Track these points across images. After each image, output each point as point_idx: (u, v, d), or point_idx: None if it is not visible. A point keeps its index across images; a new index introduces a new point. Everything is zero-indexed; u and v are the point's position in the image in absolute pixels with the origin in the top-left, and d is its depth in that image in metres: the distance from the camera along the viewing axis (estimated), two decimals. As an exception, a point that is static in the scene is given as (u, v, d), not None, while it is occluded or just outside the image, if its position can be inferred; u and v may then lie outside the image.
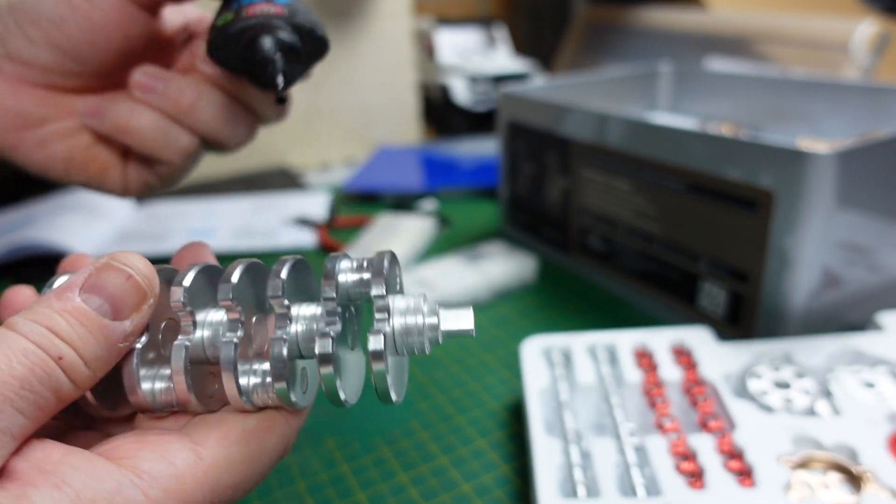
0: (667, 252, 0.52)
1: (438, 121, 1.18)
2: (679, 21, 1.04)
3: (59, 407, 0.20)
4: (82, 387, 0.21)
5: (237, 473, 0.23)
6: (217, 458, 0.22)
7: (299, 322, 0.24)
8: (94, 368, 0.21)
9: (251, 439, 0.24)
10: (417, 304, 0.24)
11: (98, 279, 0.22)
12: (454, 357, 0.51)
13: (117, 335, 0.21)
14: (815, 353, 0.41)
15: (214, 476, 0.22)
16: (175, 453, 0.22)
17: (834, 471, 0.34)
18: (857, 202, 0.43)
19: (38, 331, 0.20)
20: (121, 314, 0.22)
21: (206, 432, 0.23)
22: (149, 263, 0.23)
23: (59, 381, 0.20)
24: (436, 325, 0.24)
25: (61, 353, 0.20)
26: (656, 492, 0.33)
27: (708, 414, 0.38)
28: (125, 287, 0.22)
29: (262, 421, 0.24)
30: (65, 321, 0.20)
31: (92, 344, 0.21)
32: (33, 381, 0.19)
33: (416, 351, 0.24)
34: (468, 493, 0.38)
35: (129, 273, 0.22)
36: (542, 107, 0.62)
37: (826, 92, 0.63)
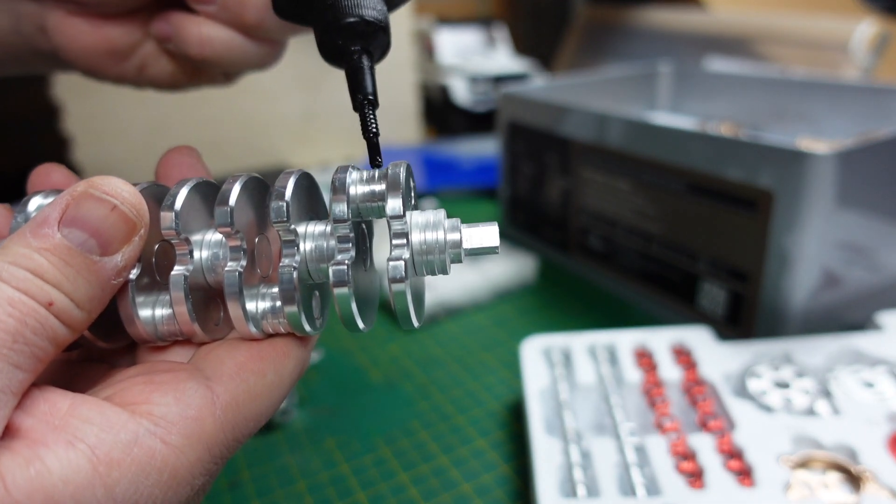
0: (667, 252, 0.52)
1: (438, 121, 1.18)
2: (679, 21, 1.04)
3: (55, 353, 0.19)
4: (78, 329, 0.19)
5: (257, 406, 0.22)
6: (235, 392, 0.21)
7: (307, 241, 0.22)
8: (87, 310, 0.19)
9: (267, 368, 0.22)
10: (438, 219, 0.22)
11: (78, 211, 0.19)
12: (454, 357, 0.51)
13: (108, 272, 0.20)
14: (814, 352, 0.41)
15: (234, 412, 0.21)
16: (190, 394, 0.20)
17: (833, 470, 0.34)
18: (856, 202, 0.43)
19: (22, 276, 0.18)
20: (109, 249, 0.20)
21: (217, 366, 0.22)
22: (133, 189, 0.21)
23: (54, 328, 0.18)
24: (458, 241, 0.22)
25: (51, 298, 0.18)
26: (656, 491, 0.33)
27: (708, 414, 0.38)
28: (111, 219, 0.20)
29: (277, 347, 0.23)
30: (48, 262, 0.18)
31: (82, 284, 0.19)
32: (26, 333, 0.18)
33: (437, 270, 0.22)
34: (468, 492, 0.38)
35: (114, 203, 0.20)
36: (542, 107, 0.62)
37: (826, 92, 0.63)
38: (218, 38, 0.33)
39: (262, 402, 0.22)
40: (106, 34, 0.34)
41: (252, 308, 0.22)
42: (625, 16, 1.14)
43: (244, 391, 0.21)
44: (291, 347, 0.24)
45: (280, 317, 0.22)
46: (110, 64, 0.35)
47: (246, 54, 0.34)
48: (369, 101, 0.27)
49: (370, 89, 0.27)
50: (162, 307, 0.22)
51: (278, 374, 0.23)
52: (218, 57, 0.34)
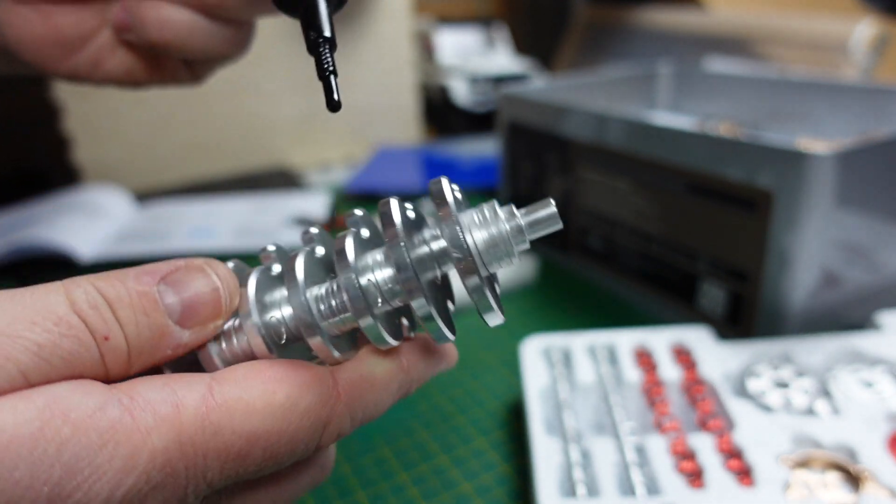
0: (667, 252, 0.52)
1: (438, 121, 1.18)
2: (679, 21, 1.04)
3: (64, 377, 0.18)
4: (110, 374, 0.19)
5: (251, 424, 0.19)
6: (230, 398, 0.19)
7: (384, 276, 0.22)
8: (133, 364, 0.19)
9: (281, 389, 0.20)
10: (492, 210, 0.22)
11: (183, 276, 0.20)
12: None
13: (171, 340, 0.20)
14: (814, 352, 0.41)
15: (221, 417, 0.19)
16: (182, 384, 0.19)
17: (833, 470, 0.34)
18: (856, 202, 0.43)
19: (96, 301, 0.18)
20: (186, 322, 0.20)
21: (231, 370, 0.20)
22: (237, 282, 0.21)
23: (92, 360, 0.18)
24: (520, 226, 0.21)
25: (109, 333, 0.18)
26: (656, 491, 0.33)
27: (707, 413, 0.38)
28: (205, 295, 0.20)
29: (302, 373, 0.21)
30: (129, 301, 0.19)
31: (146, 338, 0.19)
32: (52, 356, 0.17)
33: (506, 262, 0.22)
34: (468, 492, 0.38)
35: (217, 285, 0.20)
36: (542, 107, 0.62)
37: (826, 92, 0.63)
38: (179, 20, 0.31)
39: (259, 425, 0.19)
40: (56, 23, 0.32)
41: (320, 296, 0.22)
42: (625, 16, 1.14)
43: (241, 399, 0.19)
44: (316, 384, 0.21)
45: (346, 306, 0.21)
46: (61, 56, 0.33)
47: (211, 38, 0.32)
48: (325, 38, 0.25)
49: (325, 27, 0.25)
50: None
51: (290, 401, 0.20)
52: (180, 41, 0.32)
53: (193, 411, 0.19)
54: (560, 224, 0.22)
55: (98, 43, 0.34)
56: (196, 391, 0.19)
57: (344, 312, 0.21)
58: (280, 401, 0.20)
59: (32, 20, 0.32)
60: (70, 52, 0.33)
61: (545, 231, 0.22)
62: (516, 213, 0.22)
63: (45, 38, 0.32)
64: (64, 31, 0.33)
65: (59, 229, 0.70)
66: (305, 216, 0.78)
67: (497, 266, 0.22)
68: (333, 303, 0.22)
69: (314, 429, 0.21)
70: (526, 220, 0.22)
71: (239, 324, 0.22)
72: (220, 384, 0.19)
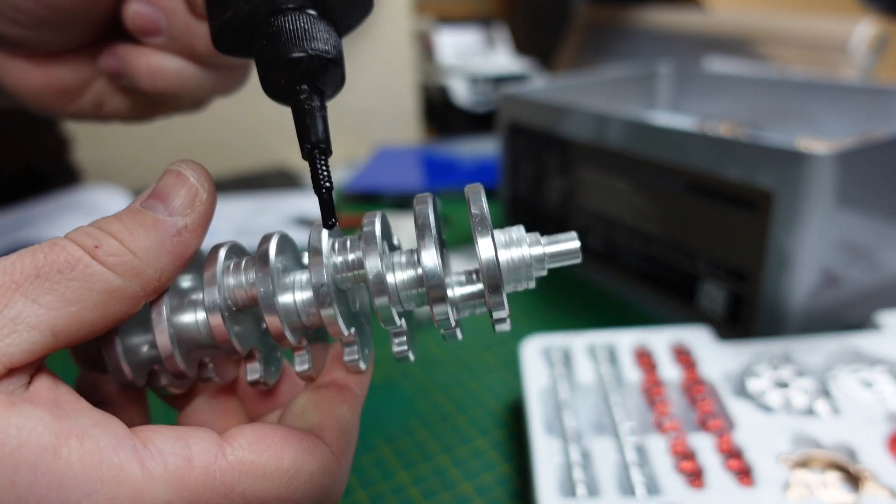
0: (666, 252, 0.52)
1: (438, 121, 1.18)
2: (679, 21, 1.04)
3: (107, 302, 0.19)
4: (130, 277, 0.20)
5: (259, 487, 0.20)
6: (242, 459, 0.20)
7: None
8: (143, 259, 0.20)
9: (287, 453, 0.21)
10: (520, 236, 0.23)
11: (155, 186, 0.22)
12: (454, 356, 0.51)
13: (168, 227, 0.21)
14: (814, 352, 0.41)
15: (232, 479, 0.19)
16: (196, 440, 0.19)
17: (833, 470, 0.34)
18: (856, 202, 0.43)
19: (83, 229, 0.20)
20: (172, 209, 0.21)
21: (242, 430, 0.21)
22: (201, 165, 0.22)
23: (91, 270, 0.19)
24: (542, 255, 0.22)
25: (98, 242, 0.19)
26: (656, 491, 0.33)
27: (707, 413, 0.38)
28: (174, 182, 0.22)
29: (307, 439, 0.22)
30: (116, 219, 0.20)
31: (140, 234, 0.20)
32: (50, 270, 0.18)
33: (523, 284, 0.23)
34: (468, 492, 0.38)
35: (179, 171, 0.22)
36: (542, 107, 0.62)
37: (826, 92, 0.63)
38: (169, 69, 0.31)
39: (267, 488, 0.20)
40: (53, 74, 0.33)
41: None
42: (625, 16, 1.14)
43: (251, 462, 0.20)
44: (320, 450, 0.22)
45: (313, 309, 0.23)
46: (64, 103, 0.34)
47: (202, 83, 0.33)
48: (320, 149, 0.23)
49: (321, 135, 0.23)
50: None
51: (296, 467, 0.21)
52: (172, 88, 0.32)
53: (204, 469, 0.19)
54: (580, 259, 0.23)
55: (97, 88, 0.34)
56: (208, 450, 0.19)
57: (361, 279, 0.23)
58: (286, 466, 0.20)
59: (30, 72, 0.32)
60: (72, 98, 0.34)
61: (565, 263, 0.23)
62: (541, 241, 0.23)
63: (44, 88, 0.33)
64: (62, 81, 0.33)
65: (57, 229, 0.70)
66: (305, 216, 0.78)
67: (513, 287, 0.23)
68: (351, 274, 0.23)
69: (317, 496, 0.21)
70: (549, 249, 0.23)
71: None
72: (230, 445, 0.20)
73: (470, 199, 0.22)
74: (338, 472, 0.23)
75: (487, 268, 0.21)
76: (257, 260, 0.23)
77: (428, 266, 0.21)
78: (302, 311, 0.23)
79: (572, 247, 0.23)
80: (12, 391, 0.18)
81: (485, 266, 0.21)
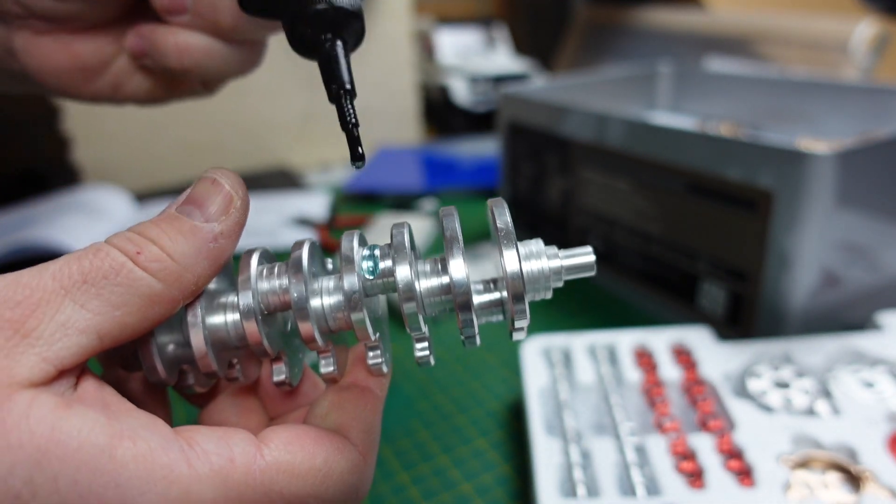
0: (667, 252, 0.52)
1: (438, 121, 1.18)
2: (679, 21, 1.04)
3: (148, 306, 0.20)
4: (171, 282, 0.21)
5: (295, 486, 0.21)
6: (279, 460, 0.21)
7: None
8: (182, 264, 0.21)
9: (319, 453, 0.22)
10: (539, 249, 0.24)
11: (190, 192, 0.22)
12: (454, 356, 0.51)
13: (205, 233, 0.22)
14: (814, 352, 0.41)
15: (271, 478, 0.20)
16: (236, 441, 0.21)
17: (833, 470, 0.34)
18: (856, 202, 0.43)
19: (124, 235, 0.20)
20: (208, 215, 0.22)
21: (276, 431, 0.22)
22: (234, 173, 0.23)
23: (134, 275, 0.20)
24: (559, 268, 0.24)
25: (140, 248, 0.20)
26: (656, 491, 0.33)
27: (708, 413, 0.38)
28: (210, 189, 0.22)
29: (336, 439, 0.23)
30: (154, 225, 0.21)
31: (179, 241, 0.21)
32: (96, 276, 0.19)
33: (540, 295, 0.24)
34: (468, 492, 0.38)
35: (214, 178, 0.23)
36: (542, 107, 0.62)
37: (826, 92, 0.63)
38: (196, 45, 0.32)
39: (302, 486, 0.21)
40: (75, 52, 0.33)
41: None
42: (625, 16, 1.14)
43: (287, 462, 0.21)
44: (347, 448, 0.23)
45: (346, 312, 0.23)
46: (83, 83, 0.34)
47: (226, 59, 0.33)
48: (346, 91, 0.25)
49: (346, 77, 0.25)
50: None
51: (327, 465, 0.22)
52: (198, 65, 0.33)
53: (245, 468, 0.20)
54: (594, 272, 0.24)
55: (117, 67, 0.35)
56: (247, 450, 0.20)
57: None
58: (319, 465, 0.22)
59: (53, 50, 0.33)
60: (91, 78, 0.34)
61: (580, 276, 0.24)
62: (558, 254, 0.24)
63: (66, 66, 0.33)
64: (84, 59, 0.33)
65: (59, 229, 0.70)
66: (305, 216, 0.78)
67: (531, 297, 0.24)
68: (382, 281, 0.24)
69: (346, 494, 0.23)
70: (566, 263, 0.24)
71: None
72: (267, 445, 0.21)
73: (495, 212, 0.23)
74: (365, 470, 0.24)
75: (512, 279, 0.22)
76: (290, 266, 0.24)
77: (457, 277, 0.23)
78: (329, 316, 0.24)
79: (588, 261, 0.24)
80: (63, 392, 0.19)
81: (510, 277, 0.22)
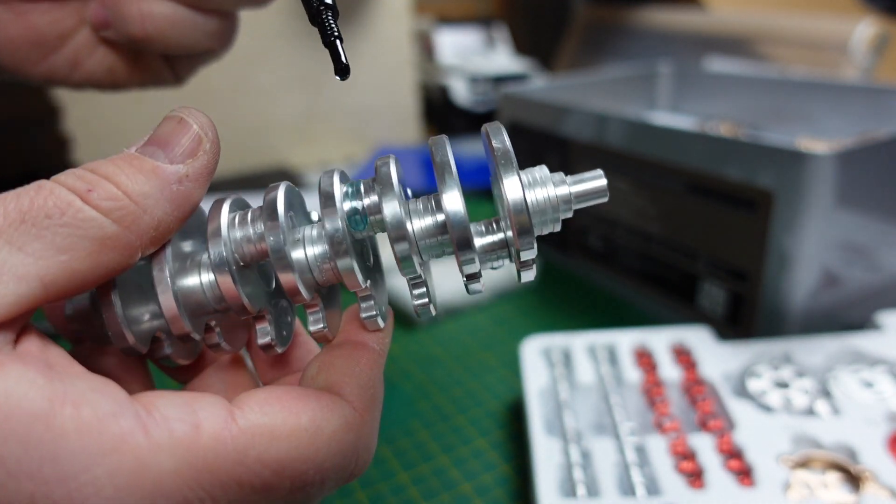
0: (667, 252, 0.52)
1: (438, 121, 1.18)
2: (679, 21, 1.04)
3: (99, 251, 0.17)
4: (126, 224, 0.18)
5: (277, 449, 0.18)
6: (255, 423, 0.18)
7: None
8: (141, 205, 0.18)
9: (304, 411, 0.19)
10: (544, 175, 0.21)
11: (154, 132, 0.20)
12: (454, 356, 0.51)
13: (169, 174, 0.19)
14: (814, 352, 0.41)
15: (246, 443, 0.17)
16: (204, 405, 0.18)
17: (833, 470, 0.34)
18: (856, 202, 0.43)
19: (74, 172, 0.18)
20: (173, 156, 0.19)
21: (250, 395, 0.19)
22: (207, 117, 0.21)
23: (83, 215, 0.17)
24: (568, 195, 0.21)
25: (92, 186, 0.17)
26: (656, 491, 0.33)
27: (707, 413, 0.38)
28: (176, 129, 0.20)
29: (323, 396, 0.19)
30: (109, 162, 0.18)
31: (139, 181, 0.18)
32: (37, 215, 0.16)
33: (548, 227, 0.21)
34: (468, 492, 0.38)
35: (181, 117, 0.20)
36: (542, 107, 0.62)
37: (826, 92, 0.63)
38: (161, 12, 0.30)
39: (286, 450, 0.18)
40: (32, 22, 0.31)
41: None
42: (625, 16, 1.14)
43: (265, 425, 0.18)
44: (340, 405, 0.20)
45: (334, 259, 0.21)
46: (38, 58, 0.32)
47: (194, 31, 0.31)
48: (327, 5, 0.24)
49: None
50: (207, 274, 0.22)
51: (315, 424, 0.19)
52: (163, 35, 0.30)
53: (213, 435, 0.17)
54: (607, 197, 0.21)
55: (76, 42, 0.33)
56: (217, 415, 0.18)
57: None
58: (304, 424, 0.18)
59: (6, 20, 0.31)
60: (47, 53, 0.32)
61: (592, 203, 0.21)
62: (566, 180, 0.21)
63: (20, 39, 0.31)
64: (40, 31, 0.31)
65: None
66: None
67: (539, 230, 0.21)
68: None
69: (343, 455, 0.19)
70: (574, 189, 0.21)
71: None
72: (241, 409, 0.18)
73: (490, 135, 0.20)
74: (363, 428, 0.20)
75: (515, 208, 0.19)
76: (264, 210, 0.21)
77: (452, 209, 0.20)
78: (314, 267, 0.21)
79: (599, 185, 0.21)
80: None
81: (513, 207, 0.19)
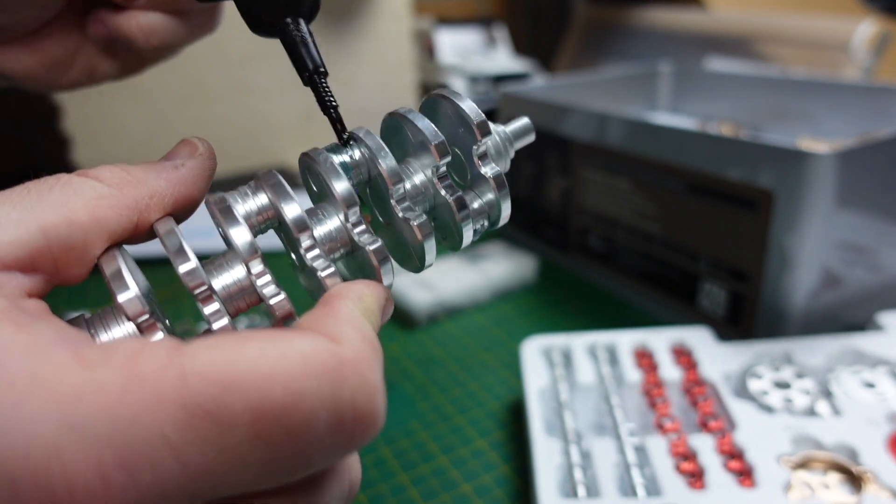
0: (667, 252, 0.52)
1: (438, 121, 1.18)
2: (679, 21, 1.04)
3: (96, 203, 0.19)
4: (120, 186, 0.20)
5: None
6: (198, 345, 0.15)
7: None
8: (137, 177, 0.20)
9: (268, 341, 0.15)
10: None
11: None
12: (454, 357, 0.51)
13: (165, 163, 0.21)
14: (815, 353, 0.41)
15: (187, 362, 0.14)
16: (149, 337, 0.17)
17: (834, 471, 0.34)
18: (857, 202, 0.43)
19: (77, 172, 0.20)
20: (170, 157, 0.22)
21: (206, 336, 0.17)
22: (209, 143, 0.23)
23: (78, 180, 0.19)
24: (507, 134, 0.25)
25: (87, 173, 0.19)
26: (656, 492, 0.33)
27: (708, 414, 0.38)
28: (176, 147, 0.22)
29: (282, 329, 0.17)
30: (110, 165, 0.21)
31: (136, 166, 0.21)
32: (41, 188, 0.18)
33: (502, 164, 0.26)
34: (468, 492, 0.38)
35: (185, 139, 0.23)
36: (542, 107, 0.62)
37: (826, 92, 0.63)
38: (160, 24, 0.33)
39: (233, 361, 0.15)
40: (42, 50, 0.34)
41: None
42: (625, 16, 1.14)
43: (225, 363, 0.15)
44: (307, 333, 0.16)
45: None
46: (58, 76, 0.35)
47: (190, 30, 0.35)
48: (319, 73, 0.25)
49: (317, 60, 0.25)
50: None
51: (270, 341, 0.15)
52: (165, 42, 0.34)
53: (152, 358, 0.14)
54: (534, 136, 0.27)
55: (86, 54, 0.36)
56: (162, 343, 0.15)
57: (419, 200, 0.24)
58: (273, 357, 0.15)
59: (23, 55, 0.33)
60: (64, 71, 0.35)
61: (525, 141, 0.26)
62: (499, 127, 0.25)
63: (39, 67, 0.34)
64: (55, 55, 0.34)
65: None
66: (305, 216, 0.78)
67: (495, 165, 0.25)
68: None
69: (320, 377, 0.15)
70: (508, 128, 0.26)
71: None
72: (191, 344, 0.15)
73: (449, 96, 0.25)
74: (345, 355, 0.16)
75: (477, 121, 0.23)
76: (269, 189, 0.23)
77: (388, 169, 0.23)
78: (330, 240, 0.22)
79: (524, 122, 0.26)
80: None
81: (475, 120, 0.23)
